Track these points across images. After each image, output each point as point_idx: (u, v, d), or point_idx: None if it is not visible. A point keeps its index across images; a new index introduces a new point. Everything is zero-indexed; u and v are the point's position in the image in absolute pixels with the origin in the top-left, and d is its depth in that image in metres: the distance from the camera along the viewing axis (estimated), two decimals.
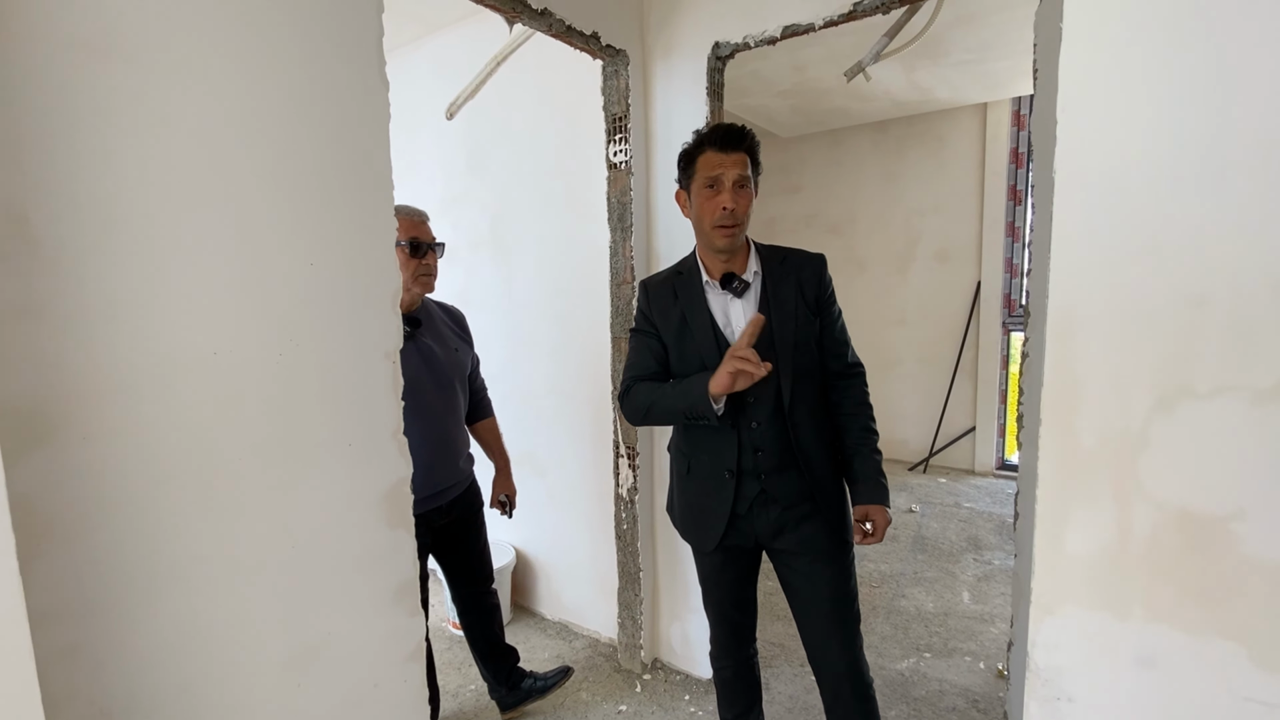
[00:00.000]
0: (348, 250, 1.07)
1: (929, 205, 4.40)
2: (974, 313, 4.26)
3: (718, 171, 1.25)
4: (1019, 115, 3.99)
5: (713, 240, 1.29)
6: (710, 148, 1.27)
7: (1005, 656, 2.22)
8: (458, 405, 1.79)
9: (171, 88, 0.83)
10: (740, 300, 1.33)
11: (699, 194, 1.29)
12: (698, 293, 1.34)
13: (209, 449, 0.92)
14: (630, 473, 2.10)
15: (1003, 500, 3.81)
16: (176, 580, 0.89)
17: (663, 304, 1.38)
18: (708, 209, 1.27)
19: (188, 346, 0.89)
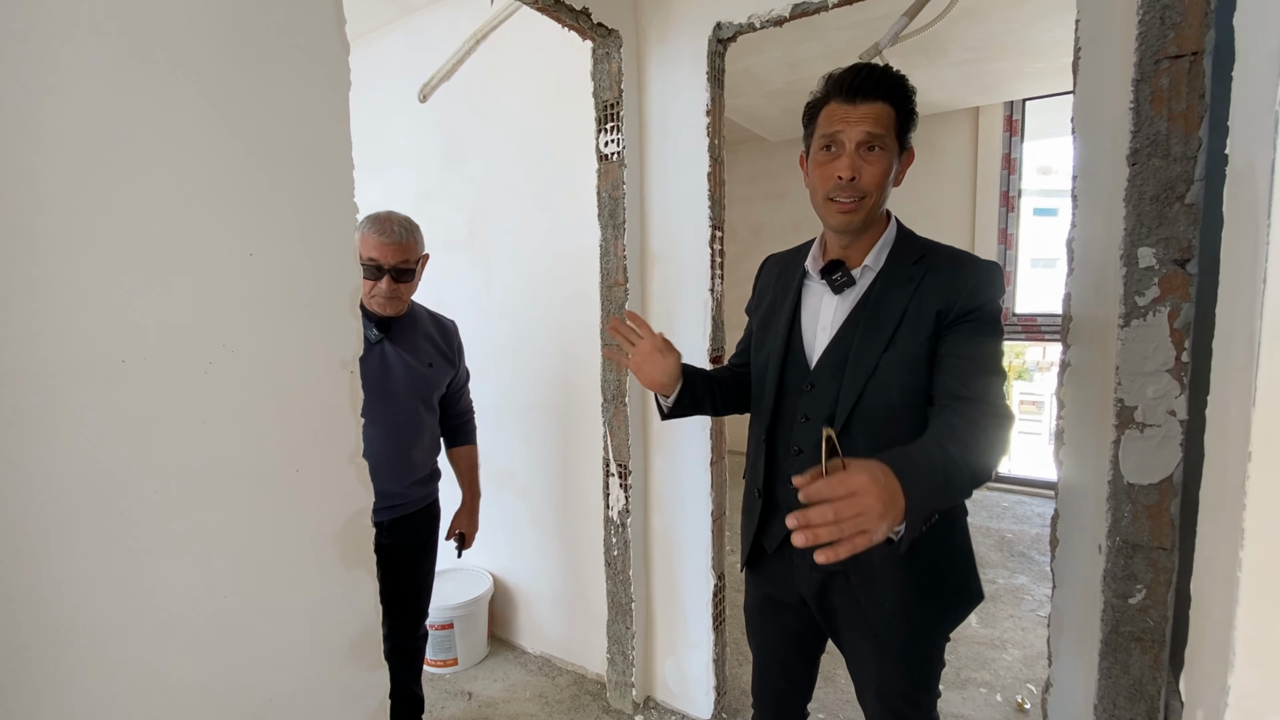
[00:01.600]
0: (297, 238, 0.88)
1: (920, 212, 4.31)
2: None
3: (837, 129, 0.98)
4: (1011, 120, 3.93)
5: (825, 216, 1.04)
6: (836, 98, 0.98)
7: (1023, 688, 2.08)
8: (413, 422, 1.58)
9: (67, 33, 0.64)
10: (838, 297, 1.07)
11: (815, 157, 1.03)
12: (795, 278, 1.14)
13: (116, 478, 0.73)
14: (622, 493, 1.92)
15: (999, 514, 3.71)
16: (77, 638, 0.70)
17: (766, 283, 1.24)
18: (821, 176, 1.02)
19: (87, 353, 0.70)
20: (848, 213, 1.01)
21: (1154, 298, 1.16)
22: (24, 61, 0.62)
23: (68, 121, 0.66)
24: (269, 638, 0.88)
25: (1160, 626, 1.20)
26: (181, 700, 0.79)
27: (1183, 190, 1.12)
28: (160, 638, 0.77)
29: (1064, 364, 1.36)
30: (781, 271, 1.20)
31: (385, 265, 1.44)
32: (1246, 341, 0.40)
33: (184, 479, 0.78)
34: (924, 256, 1.05)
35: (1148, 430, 1.18)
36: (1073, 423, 1.33)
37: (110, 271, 0.70)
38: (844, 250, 1.08)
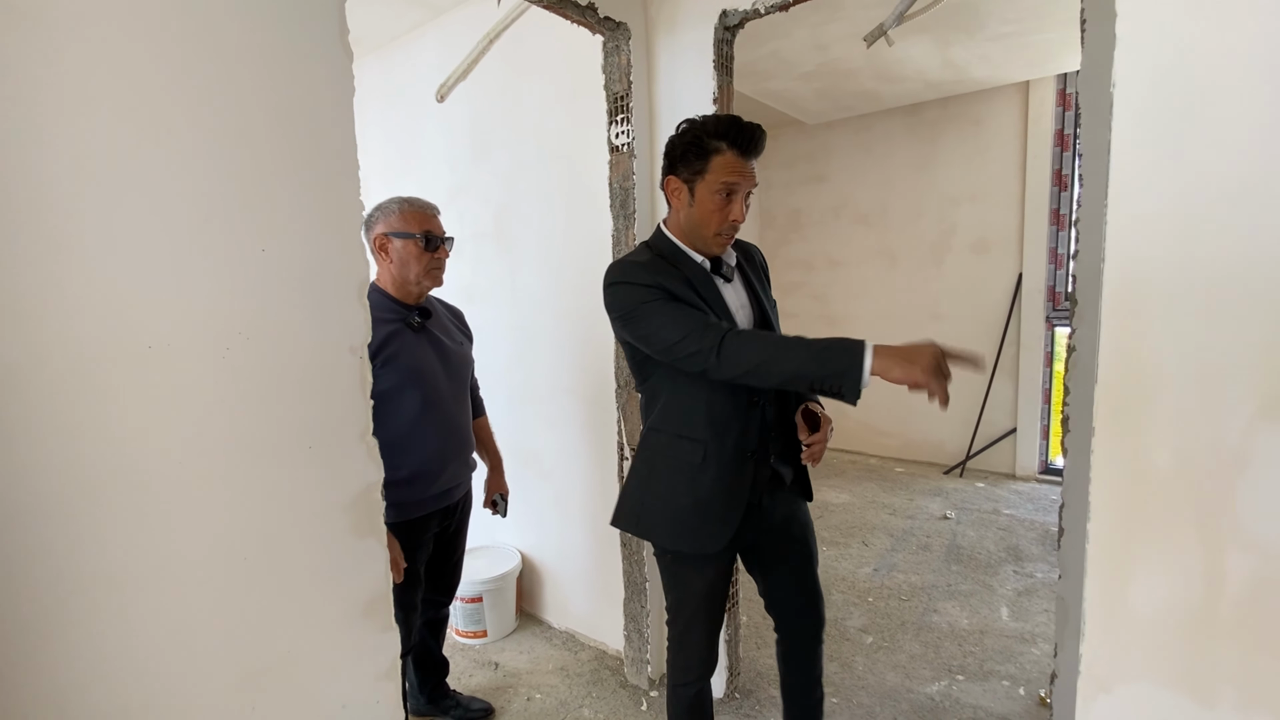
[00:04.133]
0: (306, 234, 0.97)
1: (965, 193, 4.15)
2: (1015, 306, 4.00)
3: (736, 180, 1.17)
4: (1064, 94, 3.71)
5: (709, 245, 1.25)
6: (732, 149, 1.16)
7: (1048, 683, 2.02)
8: (468, 400, 1.73)
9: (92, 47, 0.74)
10: (729, 285, 1.29)
11: (708, 197, 1.19)
12: (700, 274, 1.25)
13: (144, 452, 0.84)
14: None
15: (1046, 507, 3.56)
16: (108, 596, 0.81)
17: (664, 274, 1.20)
18: (715, 216, 1.20)
19: (116, 340, 0.81)
20: (727, 244, 1.26)
21: None
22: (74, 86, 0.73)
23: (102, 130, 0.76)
24: (286, 599, 0.99)
25: None
26: (204, 655, 0.90)
27: None
28: (183, 597, 0.87)
29: (1070, 349, 1.32)
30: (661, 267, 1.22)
31: (439, 235, 1.56)
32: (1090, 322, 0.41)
33: (204, 453, 0.88)
34: (743, 247, 1.40)
35: None
36: (1077, 409, 1.30)
37: (136, 266, 0.80)
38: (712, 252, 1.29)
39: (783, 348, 1.06)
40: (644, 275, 1.20)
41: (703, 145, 1.17)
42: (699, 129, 1.18)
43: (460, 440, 1.66)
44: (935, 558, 2.97)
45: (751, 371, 1.08)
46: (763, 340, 1.09)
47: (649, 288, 1.18)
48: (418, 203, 1.56)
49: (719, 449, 1.23)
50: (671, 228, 1.30)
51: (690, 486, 1.24)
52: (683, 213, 1.24)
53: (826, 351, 1.02)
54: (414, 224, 1.53)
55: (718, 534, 1.25)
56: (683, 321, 1.14)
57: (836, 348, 1.02)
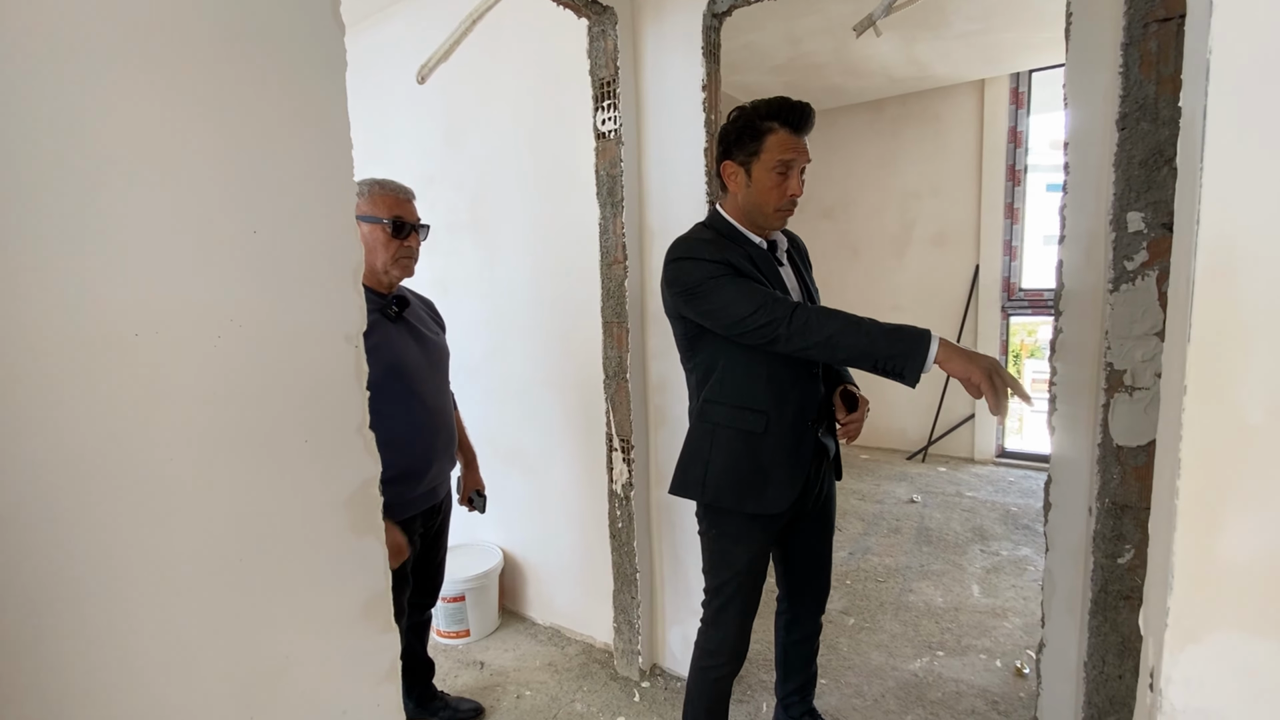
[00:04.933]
0: (299, 216, 0.91)
1: (925, 187, 4.28)
2: (972, 297, 4.16)
3: (791, 156, 1.23)
4: (1018, 93, 3.87)
5: (770, 222, 1.30)
6: (784, 128, 1.23)
7: (1022, 654, 2.11)
8: (450, 394, 1.67)
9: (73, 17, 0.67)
10: (783, 269, 1.36)
11: (766, 175, 1.25)
12: (757, 250, 1.31)
13: (132, 445, 0.77)
14: (625, 467, 1.96)
15: (1005, 489, 3.72)
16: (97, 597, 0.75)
17: (729, 251, 1.26)
18: (775, 194, 1.26)
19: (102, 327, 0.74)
20: (787, 219, 1.32)
21: (1142, 262, 1.17)
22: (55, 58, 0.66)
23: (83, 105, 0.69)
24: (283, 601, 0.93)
25: None
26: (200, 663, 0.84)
27: (1171, 154, 1.13)
28: (177, 598, 0.81)
29: (1056, 332, 1.37)
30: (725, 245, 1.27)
31: (411, 221, 1.47)
32: (1185, 281, 0.42)
33: (195, 446, 0.82)
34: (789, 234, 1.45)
35: (1136, 393, 1.20)
36: (1064, 390, 1.35)
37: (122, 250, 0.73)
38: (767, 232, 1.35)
39: (854, 323, 1.12)
40: (709, 250, 1.24)
41: (755, 127, 1.23)
42: (750, 113, 1.24)
43: (447, 436, 1.61)
44: (906, 540, 3.06)
45: (822, 344, 1.12)
46: (834, 314, 1.14)
47: (715, 263, 1.22)
48: (390, 185, 1.47)
49: (779, 417, 1.28)
50: (729, 210, 1.34)
51: (753, 453, 1.29)
52: (740, 195, 1.29)
53: (897, 332, 1.10)
54: (383, 208, 1.44)
55: (782, 495, 1.30)
56: (753, 295, 1.18)
57: (907, 331, 1.10)
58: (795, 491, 1.32)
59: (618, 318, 1.90)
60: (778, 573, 1.55)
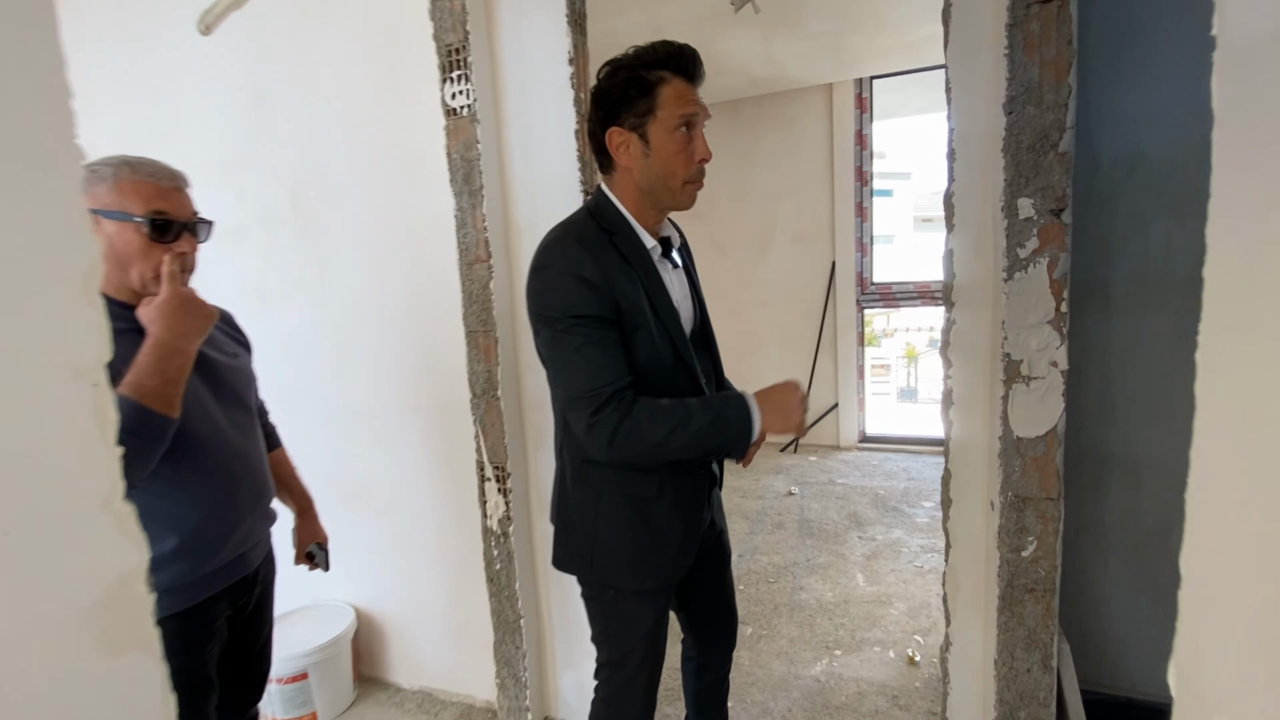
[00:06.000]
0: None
1: (783, 187, 4.42)
2: (830, 292, 4.36)
3: (694, 110, 1.00)
4: (861, 97, 4.11)
5: (679, 199, 1.05)
6: (678, 76, 1.00)
7: (911, 641, 2.15)
8: (257, 430, 1.27)
9: None
10: (675, 272, 1.13)
11: (669, 138, 1.00)
12: (647, 258, 1.06)
13: None
14: (501, 499, 1.69)
15: (870, 472, 3.93)
16: None
17: (617, 271, 1.00)
18: (682, 160, 1.01)
19: None
20: (697, 194, 1.06)
21: (1034, 249, 1.15)
22: None
23: None
24: None
25: (1050, 576, 1.22)
26: None
27: (1056, 138, 1.11)
28: None
29: (949, 324, 1.34)
30: (623, 252, 1.03)
31: (181, 218, 1.05)
32: None
33: None
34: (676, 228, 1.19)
35: (1033, 383, 1.18)
36: (961, 382, 1.32)
37: None
38: (659, 226, 1.10)
39: (680, 424, 0.97)
40: (585, 264, 0.98)
41: (644, 80, 0.99)
42: (633, 63, 1.00)
43: (256, 485, 1.21)
44: (790, 535, 3.08)
45: (646, 454, 0.99)
46: (666, 413, 0.97)
47: (583, 288, 0.97)
48: (146, 167, 1.04)
49: (676, 475, 1.09)
50: (621, 193, 1.06)
51: (646, 521, 1.10)
52: (637, 169, 1.02)
53: (720, 422, 0.99)
54: (136, 200, 1.01)
55: (682, 559, 1.14)
56: (593, 366, 0.98)
57: (729, 415, 0.99)
58: (693, 553, 1.15)
59: (483, 326, 1.63)
60: (680, 619, 1.35)
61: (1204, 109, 0.34)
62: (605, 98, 1.02)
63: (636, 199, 1.05)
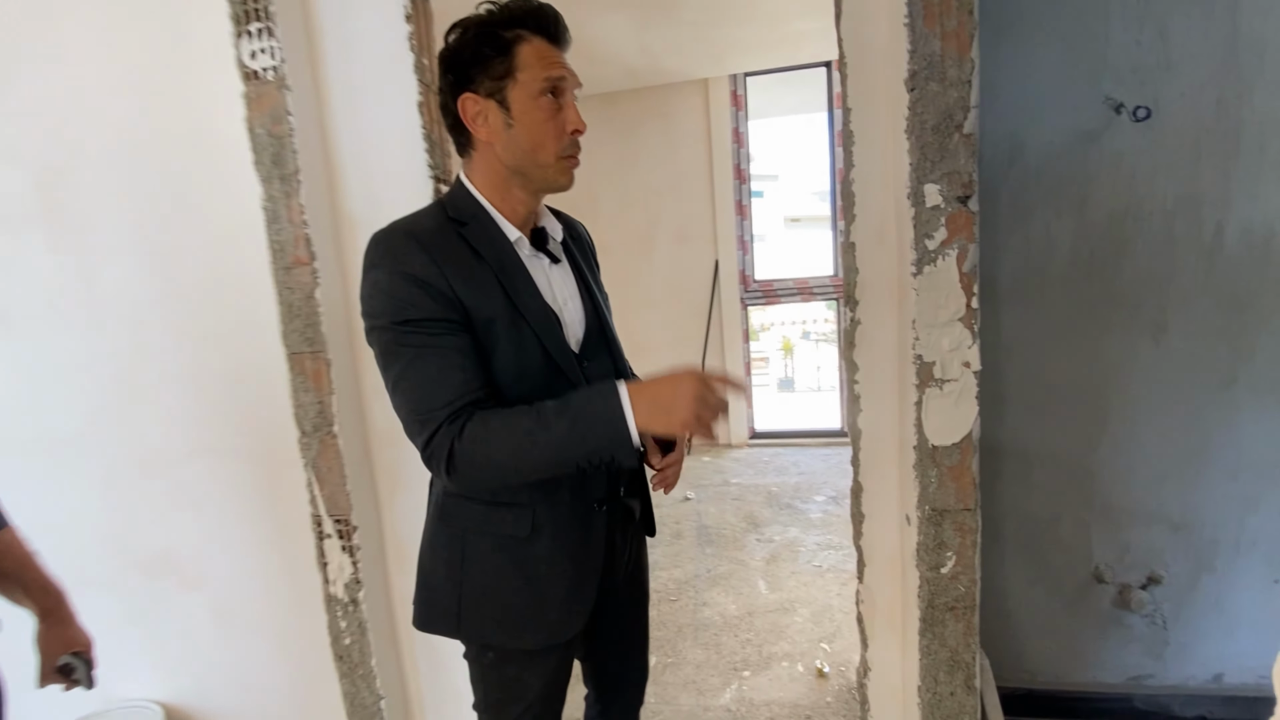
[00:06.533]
0: None
1: (665, 185, 4.32)
2: (715, 290, 4.33)
3: (559, 73, 0.86)
4: (736, 95, 4.10)
5: (552, 176, 0.90)
6: (538, 35, 0.86)
7: (817, 649, 2.08)
8: None
9: None
10: (558, 268, 0.97)
11: (533, 104, 0.85)
12: (508, 251, 0.90)
13: None
14: (347, 559, 1.37)
15: (762, 469, 3.92)
16: None
17: (461, 266, 0.85)
18: (552, 129, 0.87)
19: None
20: (575, 166, 0.93)
21: (942, 240, 1.05)
22: None
23: None
24: None
25: (970, 592, 1.14)
26: None
27: (960, 118, 1.02)
28: None
29: (854, 322, 1.22)
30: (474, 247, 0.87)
31: None
32: None
33: None
34: (568, 222, 1.06)
35: (946, 386, 1.09)
36: (869, 388, 1.21)
37: None
38: (531, 213, 0.95)
39: (530, 433, 0.80)
40: (419, 261, 0.82)
41: (499, 38, 0.84)
42: (485, 22, 0.85)
43: None
44: (689, 545, 2.95)
45: (498, 476, 0.84)
46: (508, 424, 0.81)
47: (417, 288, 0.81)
48: None
49: (553, 508, 0.91)
50: (480, 179, 0.91)
51: (520, 566, 0.92)
52: (500, 142, 0.87)
53: (581, 423, 0.80)
54: None
55: (570, 617, 0.95)
56: (427, 378, 0.82)
57: (592, 414, 0.80)
58: (587, 605, 0.96)
59: (310, 346, 1.30)
60: (584, 669, 1.16)
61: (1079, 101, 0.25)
62: (455, 60, 0.88)
63: (501, 182, 0.90)
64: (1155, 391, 1.47)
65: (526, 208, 0.92)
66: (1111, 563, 1.55)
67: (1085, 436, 1.51)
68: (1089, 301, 1.46)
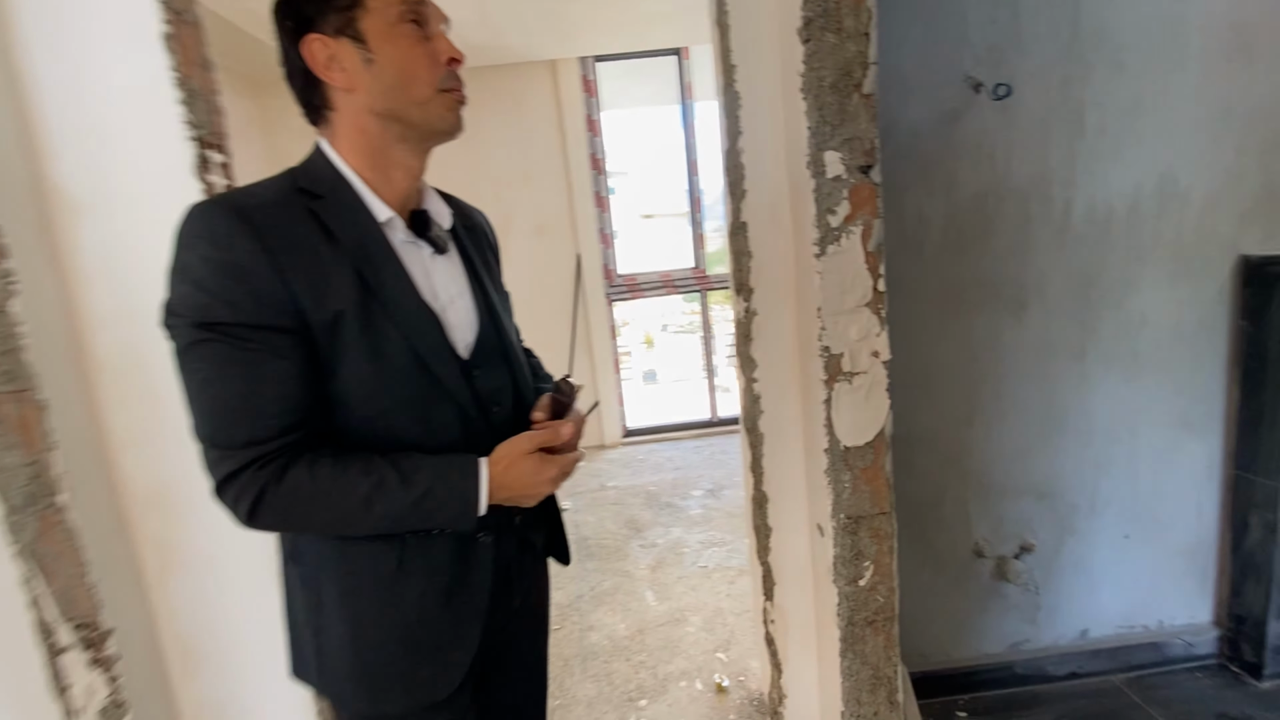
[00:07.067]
0: None
1: (518, 175, 4.02)
2: (579, 287, 4.12)
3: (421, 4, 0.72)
4: (588, 81, 3.90)
5: (436, 116, 0.73)
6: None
7: (713, 660, 1.97)
8: None
9: None
10: (443, 259, 0.80)
11: (391, 31, 0.69)
12: (374, 234, 0.72)
13: None
14: (99, 676, 0.97)
15: (638, 469, 3.80)
16: None
17: (303, 251, 0.67)
18: (422, 58, 0.71)
19: None
20: (462, 105, 0.76)
21: (845, 215, 0.93)
22: None
23: None
24: None
25: (890, 602, 1.04)
26: None
27: (859, 76, 0.90)
28: None
29: (749, 313, 1.08)
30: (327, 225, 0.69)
31: None
32: None
33: None
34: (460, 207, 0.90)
35: (856, 379, 0.97)
36: (769, 387, 1.07)
37: None
38: (412, 188, 0.77)
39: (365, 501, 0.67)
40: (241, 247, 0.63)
41: None
42: None
43: None
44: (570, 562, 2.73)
45: (307, 530, 0.73)
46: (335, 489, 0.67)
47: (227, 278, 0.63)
48: None
49: (425, 541, 0.75)
50: (345, 143, 0.73)
51: (383, 613, 0.75)
52: (363, 86, 0.71)
53: (429, 502, 0.69)
54: None
55: (446, 671, 0.78)
56: (231, 417, 0.65)
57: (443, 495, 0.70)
58: (469, 655, 0.79)
59: (9, 382, 0.89)
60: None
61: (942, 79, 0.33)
62: (287, 3, 0.71)
63: (374, 142, 0.73)
64: (1019, 369, 1.51)
65: (407, 179, 0.75)
66: (989, 536, 1.59)
67: (961, 417, 1.52)
68: (960, 282, 1.46)
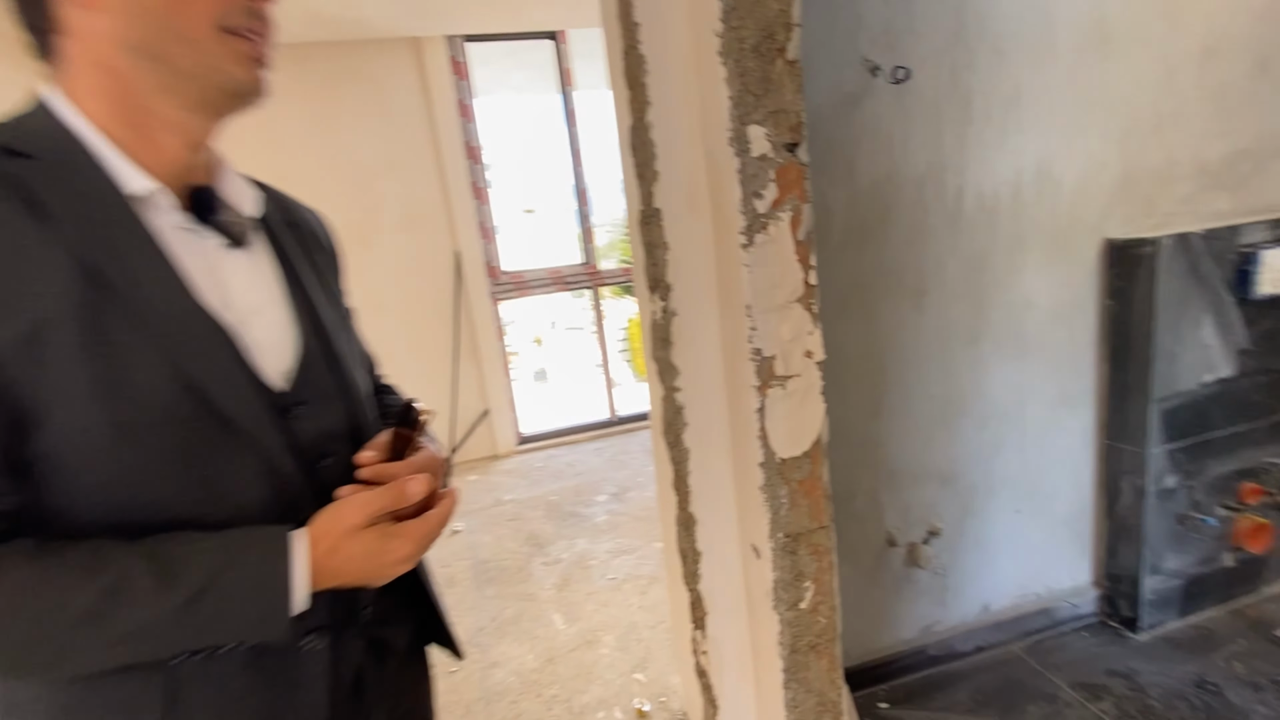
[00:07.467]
0: None
1: (382, 163, 3.62)
2: (460, 286, 3.81)
3: None
4: (458, 62, 3.59)
5: (214, 66, 0.52)
6: None
7: (631, 683, 1.84)
8: None
9: None
10: (243, 256, 0.60)
11: None
12: (116, 211, 0.50)
13: None
14: None
15: (537, 479, 3.59)
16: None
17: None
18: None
19: None
20: (261, 61, 0.56)
21: (773, 200, 0.82)
22: None
23: None
24: None
25: (831, 622, 0.96)
26: None
27: (783, 39, 0.79)
28: None
29: (667, 314, 0.94)
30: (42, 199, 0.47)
31: None
32: None
33: None
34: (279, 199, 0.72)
35: (790, 384, 0.87)
36: (694, 394, 0.95)
37: None
38: (190, 159, 0.57)
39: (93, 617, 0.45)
40: None
41: None
42: None
43: None
44: (466, 589, 2.48)
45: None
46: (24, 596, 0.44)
47: None
48: None
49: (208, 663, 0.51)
50: (81, 92, 0.51)
51: None
52: (109, 14, 0.48)
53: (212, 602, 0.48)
54: None
55: None
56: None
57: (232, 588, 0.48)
58: None
59: None
60: None
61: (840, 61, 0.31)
62: None
63: (124, 86, 0.51)
64: (921, 356, 1.51)
65: (182, 145, 0.55)
66: (899, 524, 1.59)
67: (869, 409, 1.50)
68: (864, 271, 1.43)
